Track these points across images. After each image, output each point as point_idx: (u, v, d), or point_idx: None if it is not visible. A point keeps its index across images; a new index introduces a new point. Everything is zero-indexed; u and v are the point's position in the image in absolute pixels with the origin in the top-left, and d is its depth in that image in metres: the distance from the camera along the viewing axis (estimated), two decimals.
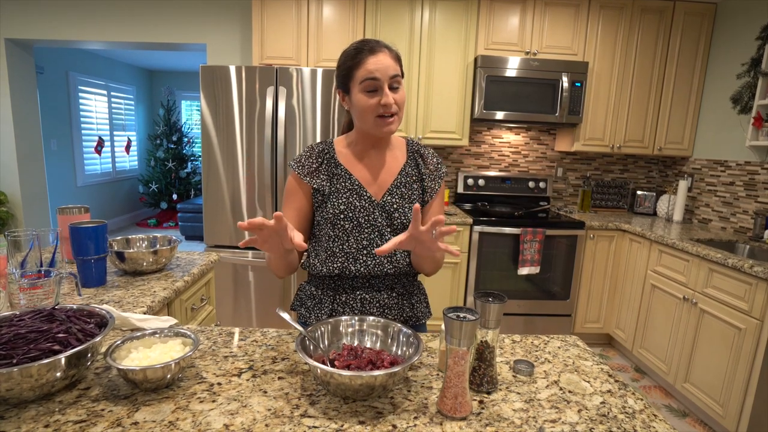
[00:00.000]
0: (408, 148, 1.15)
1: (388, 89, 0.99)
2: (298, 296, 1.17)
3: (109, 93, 6.02)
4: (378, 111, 1.00)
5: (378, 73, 0.98)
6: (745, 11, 2.77)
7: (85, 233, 1.22)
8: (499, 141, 3.41)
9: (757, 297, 1.91)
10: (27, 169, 3.52)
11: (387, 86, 0.99)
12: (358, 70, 0.99)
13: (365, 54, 0.99)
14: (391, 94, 0.99)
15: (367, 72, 0.98)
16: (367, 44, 1.01)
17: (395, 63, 1.01)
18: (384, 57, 0.99)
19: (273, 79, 2.49)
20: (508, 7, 2.92)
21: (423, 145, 1.17)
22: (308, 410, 0.72)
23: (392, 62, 1.00)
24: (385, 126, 1.01)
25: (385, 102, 0.99)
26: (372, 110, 1.00)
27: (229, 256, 2.63)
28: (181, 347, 0.82)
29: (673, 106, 3.09)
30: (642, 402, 0.80)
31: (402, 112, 1.04)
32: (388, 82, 0.99)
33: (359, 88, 1.00)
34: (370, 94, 1.00)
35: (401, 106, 1.02)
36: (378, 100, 0.99)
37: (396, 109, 1.01)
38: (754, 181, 2.65)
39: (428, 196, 1.12)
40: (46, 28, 3.22)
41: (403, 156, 1.13)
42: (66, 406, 0.71)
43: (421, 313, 1.15)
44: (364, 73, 0.99)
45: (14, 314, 0.83)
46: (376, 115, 1.00)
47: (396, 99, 1.00)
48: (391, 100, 0.99)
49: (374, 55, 0.99)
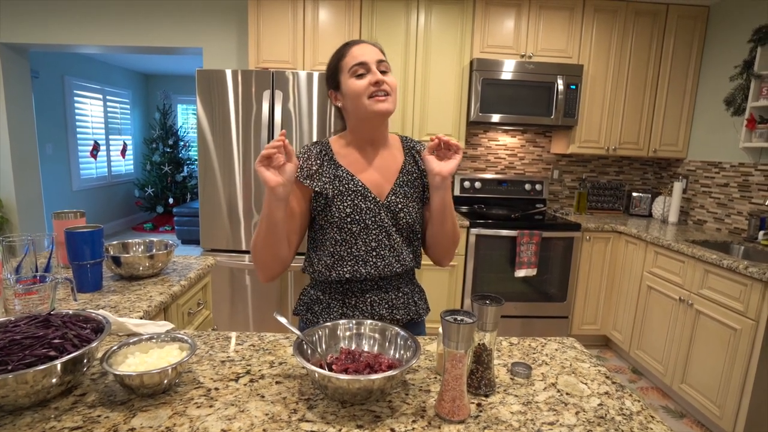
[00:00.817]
0: (403, 146, 1.15)
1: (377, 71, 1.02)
2: (302, 301, 1.15)
3: (104, 97, 6.00)
4: (369, 91, 1.01)
5: (365, 57, 1.02)
6: (738, 14, 2.80)
7: (80, 238, 1.22)
8: (495, 143, 3.42)
9: (752, 297, 1.93)
10: (22, 173, 3.51)
11: (375, 68, 1.02)
12: (345, 59, 1.03)
13: (349, 46, 1.05)
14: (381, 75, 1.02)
15: (353, 58, 1.02)
16: (353, 40, 1.07)
17: (380, 53, 1.05)
18: (367, 46, 1.04)
19: (269, 82, 2.49)
20: (503, 11, 2.94)
21: (416, 141, 1.18)
22: (306, 414, 0.72)
23: (378, 51, 1.04)
24: (379, 103, 1.00)
25: (376, 79, 1.00)
26: (364, 91, 1.01)
27: (226, 260, 2.62)
28: (178, 352, 0.82)
29: (668, 108, 3.12)
30: (639, 403, 0.80)
31: (395, 95, 1.04)
32: (376, 65, 1.02)
33: (348, 75, 1.02)
34: (360, 77, 1.01)
35: (393, 88, 1.03)
36: (369, 80, 1.01)
37: (388, 88, 1.02)
38: (748, 183, 2.67)
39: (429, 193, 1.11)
40: (41, 33, 3.22)
41: (400, 154, 1.13)
42: (62, 412, 0.71)
43: (423, 310, 1.17)
44: (351, 60, 1.02)
45: (9, 320, 0.82)
46: (368, 95, 1.01)
47: (387, 80, 1.02)
48: (381, 76, 1.01)
49: (358, 45, 1.04)
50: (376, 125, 1.06)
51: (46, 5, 3.18)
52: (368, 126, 1.06)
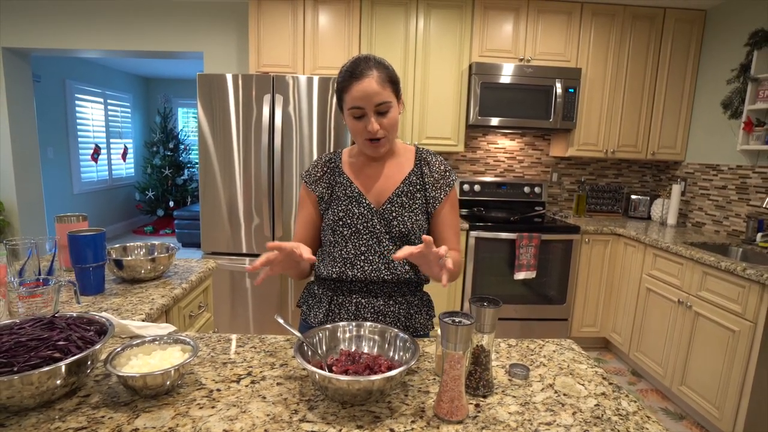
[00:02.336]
0: (416, 156, 1.16)
1: (374, 116, 1.01)
2: (303, 294, 1.22)
3: (105, 101, 6.02)
4: (366, 136, 1.04)
5: (361, 102, 1.00)
6: (735, 18, 2.82)
7: (83, 241, 1.23)
8: (495, 147, 3.44)
9: (750, 299, 1.94)
10: (23, 176, 3.52)
11: (373, 113, 1.01)
12: (346, 95, 1.02)
13: (352, 81, 1.00)
14: (375, 121, 1.01)
15: (352, 100, 1.00)
16: (358, 68, 1.00)
17: (382, 88, 0.99)
18: (369, 83, 0.98)
19: (269, 87, 2.51)
20: (501, 15, 2.96)
21: (432, 153, 1.17)
22: (307, 415, 0.73)
23: (378, 88, 0.99)
24: (373, 149, 1.06)
25: (370, 129, 1.01)
26: (359, 133, 1.04)
27: (226, 264, 2.63)
28: (181, 354, 0.83)
29: (666, 111, 3.13)
30: (636, 404, 0.81)
31: (392, 134, 1.05)
32: (374, 109, 1.00)
33: (347, 113, 1.04)
34: (358, 120, 1.03)
35: (389, 129, 1.04)
36: (364, 125, 1.02)
37: (383, 134, 1.03)
38: (746, 185, 2.68)
39: (431, 207, 1.12)
40: (43, 37, 3.24)
41: (409, 164, 1.15)
42: (66, 413, 0.72)
43: (420, 325, 1.14)
44: (350, 101, 1.01)
45: (14, 322, 0.83)
46: (365, 139, 1.04)
47: (383, 124, 1.02)
48: (375, 127, 1.01)
49: (360, 81, 0.99)
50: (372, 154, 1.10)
51: (48, 10, 3.21)
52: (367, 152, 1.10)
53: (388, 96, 1.01)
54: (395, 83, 1.04)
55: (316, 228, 1.16)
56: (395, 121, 1.05)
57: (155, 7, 3.21)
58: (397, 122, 1.06)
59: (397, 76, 1.06)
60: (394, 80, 1.04)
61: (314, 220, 1.16)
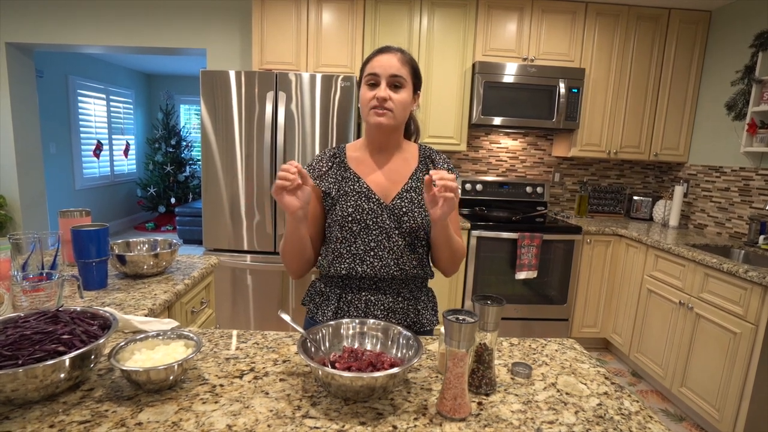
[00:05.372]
0: (420, 153, 1.17)
1: (386, 86, 1.04)
2: (309, 292, 1.21)
3: (108, 97, 6.03)
4: (372, 104, 1.04)
5: (378, 69, 1.04)
6: (739, 19, 2.81)
7: (87, 236, 1.23)
8: (497, 146, 3.44)
9: (752, 301, 1.93)
10: (26, 172, 3.53)
11: (386, 83, 1.04)
12: (367, 66, 1.07)
13: (377, 53, 1.07)
14: (388, 91, 1.04)
15: (371, 68, 1.06)
16: (386, 47, 1.08)
17: (402, 65, 1.05)
18: (390, 57, 1.05)
19: (272, 84, 2.51)
20: (505, 14, 2.95)
21: (435, 150, 1.19)
22: (310, 411, 0.73)
23: (398, 64, 1.04)
24: (375, 116, 1.05)
25: (379, 95, 1.03)
26: (367, 102, 1.05)
27: (228, 260, 2.63)
28: (184, 349, 0.83)
29: (669, 113, 3.13)
30: (638, 404, 0.81)
31: (400, 112, 1.06)
32: (388, 80, 1.04)
33: (363, 82, 1.07)
34: (370, 87, 1.05)
35: (398, 105, 1.05)
36: (374, 94, 1.04)
37: (391, 105, 1.04)
38: (749, 187, 2.68)
39: None
40: (46, 33, 3.24)
41: (414, 161, 1.16)
42: (70, 406, 0.72)
43: (426, 320, 1.15)
44: (368, 69, 1.06)
45: (19, 316, 0.83)
46: (371, 107, 1.05)
47: (393, 97, 1.04)
48: (385, 94, 1.03)
49: (382, 53, 1.06)
50: (375, 133, 1.11)
51: (50, 6, 3.21)
52: (371, 131, 1.12)
53: (405, 74, 1.06)
54: (416, 73, 1.10)
55: (319, 224, 1.16)
56: (406, 103, 1.07)
57: (159, 3, 3.21)
58: (407, 107, 1.08)
59: (419, 71, 1.11)
60: (415, 69, 1.09)
61: (317, 215, 1.14)
